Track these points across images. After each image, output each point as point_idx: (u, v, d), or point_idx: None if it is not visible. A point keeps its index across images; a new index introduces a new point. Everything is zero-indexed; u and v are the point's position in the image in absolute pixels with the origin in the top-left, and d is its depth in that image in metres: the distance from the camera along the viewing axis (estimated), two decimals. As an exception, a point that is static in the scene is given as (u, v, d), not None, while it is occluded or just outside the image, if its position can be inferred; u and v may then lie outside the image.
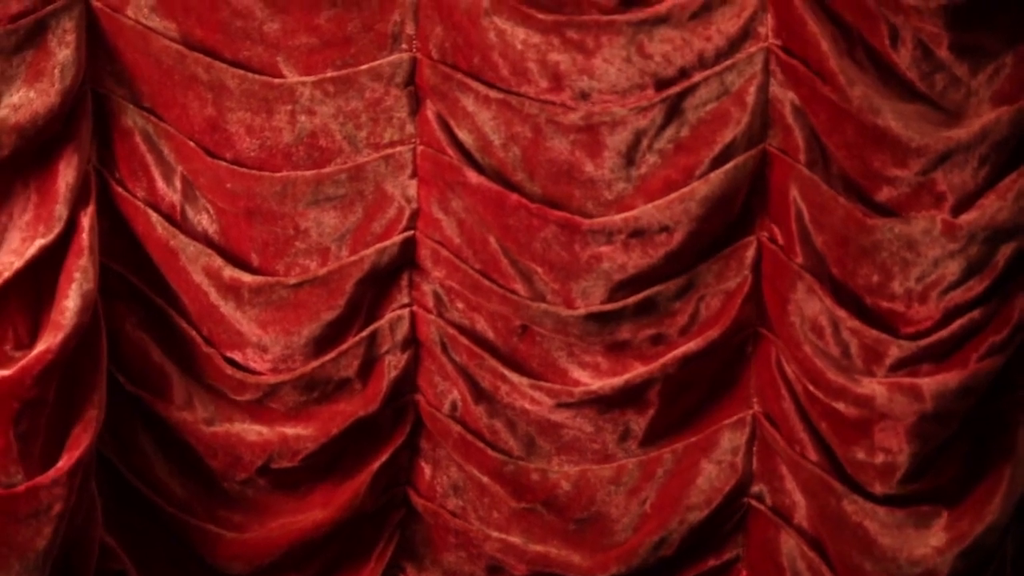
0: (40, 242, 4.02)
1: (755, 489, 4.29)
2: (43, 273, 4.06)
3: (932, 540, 4.11)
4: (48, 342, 3.97)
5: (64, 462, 3.99)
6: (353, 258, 4.19)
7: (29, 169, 4.06)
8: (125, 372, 4.23)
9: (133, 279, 4.21)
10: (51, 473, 3.97)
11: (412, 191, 4.20)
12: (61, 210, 4.03)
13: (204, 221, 4.22)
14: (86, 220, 4.06)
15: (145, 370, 4.25)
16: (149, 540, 4.31)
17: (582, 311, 4.16)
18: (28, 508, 3.94)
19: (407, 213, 4.21)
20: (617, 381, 4.20)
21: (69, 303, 4.00)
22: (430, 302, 4.25)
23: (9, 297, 4.03)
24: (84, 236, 4.05)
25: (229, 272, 4.19)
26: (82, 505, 4.07)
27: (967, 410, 4.08)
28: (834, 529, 4.16)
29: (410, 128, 4.19)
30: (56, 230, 4.03)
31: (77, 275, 4.02)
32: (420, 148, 4.18)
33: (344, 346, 4.22)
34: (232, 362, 4.25)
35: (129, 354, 4.23)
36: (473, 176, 4.14)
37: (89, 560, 4.15)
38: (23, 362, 3.95)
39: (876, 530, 4.11)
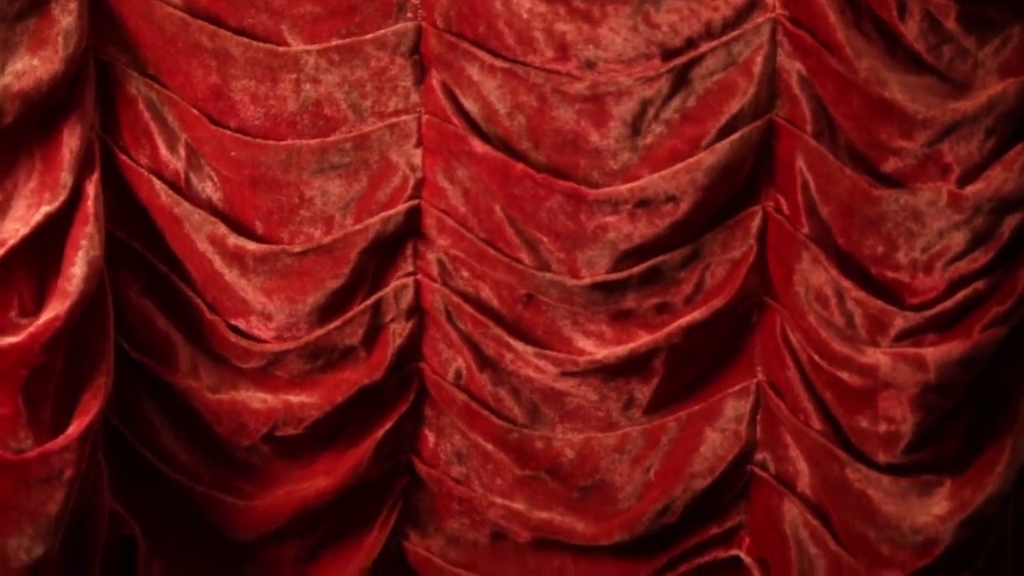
0: (45, 209, 4.01)
1: (759, 457, 4.31)
2: (48, 241, 4.05)
3: (935, 509, 4.13)
4: (56, 309, 3.97)
5: (74, 428, 4.00)
6: (358, 227, 4.18)
7: (33, 137, 4.04)
8: (130, 339, 4.23)
9: (137, 247, 4.20)
10: (62, 439, 3.98)
11: (417, 160, 4.19)
12: (66, 177, 4.02)
13: (208, 189, 4.21)
14: (91, 188, 4.05)
15: (150, 337, 4.25)
16: (156, 507, 4.32)
17: (587, 280, 4.17)
18: (40, 473, 3.96)
19: (412, 182, 4.20)
20: (622, 350, 4.21)
21: (76, 270, 4.00)
22: (435, 271, 4.25)
23: (15, 264, 4.02)
24: (89, 204, 4.04)
25: (233, 240, 4.18)
26: (91, 471, 4.08)
27: (970, 380, 4.10)
28: (837, 497, 4.19)
29: (415, 97, 4.18)
30: (61, 197, 4.02)
31: (83, 242, 4.01)
32: (425, 117, 4.17)
33: (349, 314, 4.22)
34: (236, 330, 4.24)
35: (134, 321, 4.23)
36: (478, 145, 4.13)
37: (99, 525, 4.16)
38: (31, 329, 3.96)
39: (879, 498, 4.14)
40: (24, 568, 3.97)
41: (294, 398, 4.27)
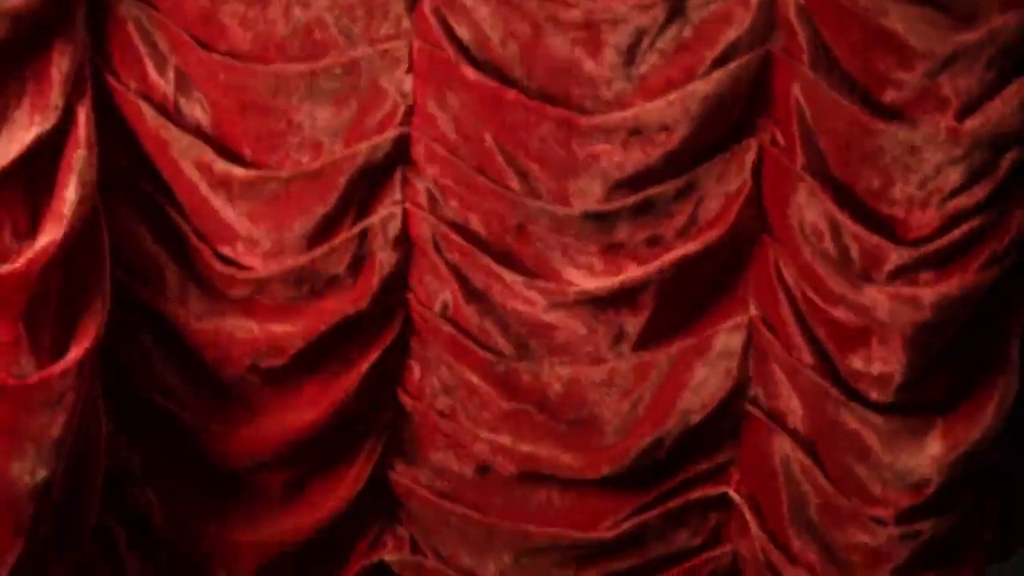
0: (36, 131, 3.96)
1: (750, 394, 4.26)
2: (41, 164, 4.00)
3: (926, 449, 4.09)
4: (52, 233, 3.94)
5: (74, 352, 3.99)
6: (346, 153, 4.12)
7: (23, 58, 3.98)
8: (120, 265, 4.18)
9: (127, 171, 4.15)
10: (62, 363, 3.97)
11: (407, 87, 4.13)
12: (56, 99, 3.97)
13: (197, 113, 4.15)
14: (83, 111, 4.00)
15: (140, 263, 4.21)
16: (146, 433, 4.30)
17: (578, 210, 4.11)
18: (41, 398, 3.96)
19: (402, 109, 4.14)
20: (612, 282, 4.16)
21: (70, 193, 3.96)
22: (423, 200, 4.20)
23: (6, 187, 3.98)
24: (81, 127, 3.99)
25: (220, 165, 4.12)
26: (91, 395, 4.09)
27: (965, 320, 4.05)
28: (829, 435, 4.14)
29: (407, 23, 4.11)
30: (52, 119, 3.97)
31: (76, 165, 3.97)
32: (416, 44, 4.10)
33: (335, 241, 4.17)
34: (223, 257, 4.20)
35: (124, 247, 4.18)
36: (470, 72, 4.07)
37: (98, 450, 4.15)
38: (29, 254, 3.93)
39: (871, 437, 4.09)
40: (28, 491, 3.98)
41: (278, 328, 4.23)
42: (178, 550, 4.35)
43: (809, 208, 4.07)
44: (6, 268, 3.93)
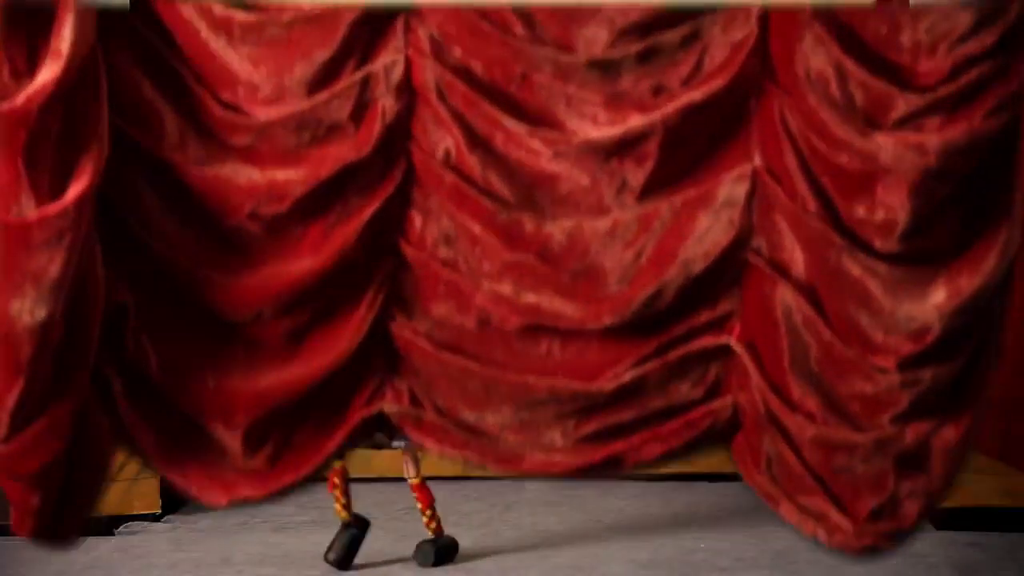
0: None
1: (753, 245, 4.23)
2: (38, 2, 3.95)
3: (928, 296, 4.08)
4: (50, 71, 3.93)
5: (73, 191, 4.01)
6: (348, -3, 4.08)
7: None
8: (118, 110, 4.13)
9: (125, 14, 4.08)
10: (61, 202, 3.99)
11: (410, -70, 4.08)
12: None
13: (197, -46, 4.09)
14: None
15: (138, 109, 4.16)
16: (144, 282, 4.26)
17: (583, 57, 4.07)
18: (41, 237, 3.98)
19: (405, -47, 4.09)
20: (616, 131, 4.13)
21: (67, 31, 3.93)
22: (427, 47, 4.15)
23: (4, 27, 3.95)
24: None
25: (220, 9, 4.08)
26: (88, 237, 4.08)
27: (969, 168, 4.03)
28: (832, 283, 4.13)
29: None
30: None
31: (74, 2, 3.93)
32: None
33: (337, 87, 4.13)
34: (223, 103, 4.15)
35: (121, 92, 4.13)
36: (475, -86, 4.02)
37: (96, 291, 4.14)
38: (28, 92, 3.93)
39: (874, 285, 4.08)
40: (28, 329, 4.02)
41: (280, 174, 4.19)
42: (174, 400, 4.31)
43: (815, 55, 4.03)
44: (5, 105, 3.92)
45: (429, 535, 6.14)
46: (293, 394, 4.33)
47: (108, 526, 6.64)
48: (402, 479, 6.17)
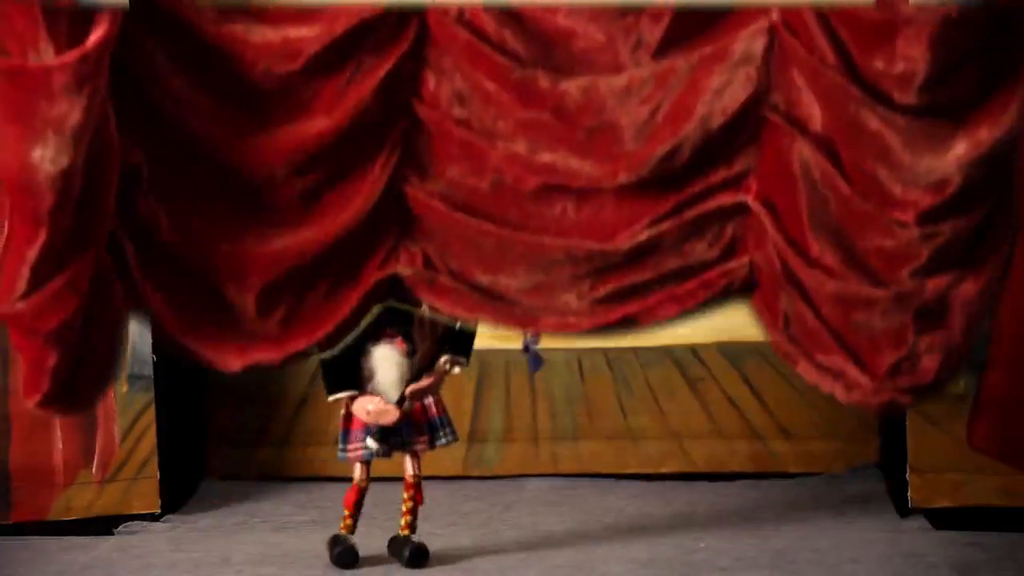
0: None
1: (771, 100, 4.18)
2: None
3: (947, 149, 4.04)
4: None
5: (93, 39, 3.97)
6: None
7: None
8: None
9: None
10: (81, 48, 3.96)
11: None
12: None
13: None
14: None
15: None
16: (158, 143, 4.22)
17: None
18: (62, 82, 3.96)
19: None
20: (632, -16, 4.09)
21: None
22: (440, -98, 4.11)
23: None
24: None
25: None
26: (105, 93, 4.05)
27: (990, 20, 3.99)
28: (850, 137, 4.09)
29: None
30: None
31: None
32: None
33: (350, -59, 4.09)
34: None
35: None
36: None
37: (112, 149, 4.12)
38: None
39: (893, 138, 4.04)
40: (49, 177, 4.00)
41: (292, 32, 4.14)
42: (187, 263, 4.29)
43: (834, -94, 3.99)
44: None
45: (402, 533, 6.09)
46: (307, 256, 4.30)
47: (107, 526, 6.64)
48: (402, 480, 6.13)
